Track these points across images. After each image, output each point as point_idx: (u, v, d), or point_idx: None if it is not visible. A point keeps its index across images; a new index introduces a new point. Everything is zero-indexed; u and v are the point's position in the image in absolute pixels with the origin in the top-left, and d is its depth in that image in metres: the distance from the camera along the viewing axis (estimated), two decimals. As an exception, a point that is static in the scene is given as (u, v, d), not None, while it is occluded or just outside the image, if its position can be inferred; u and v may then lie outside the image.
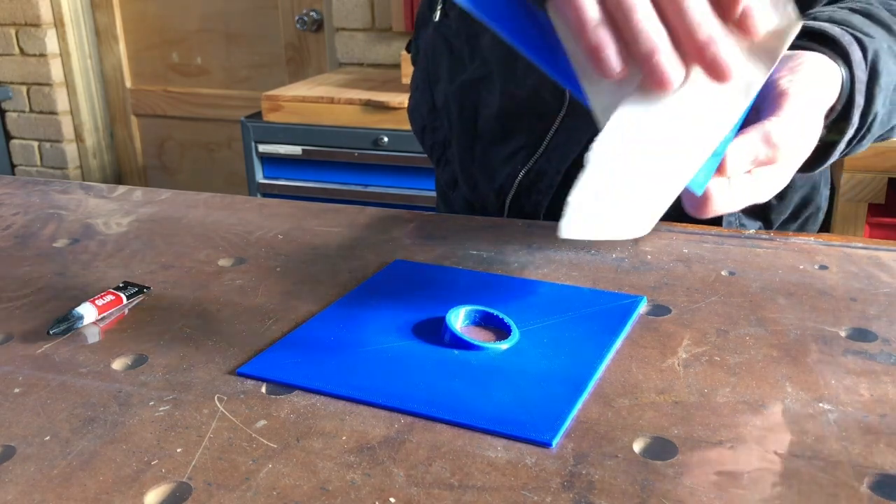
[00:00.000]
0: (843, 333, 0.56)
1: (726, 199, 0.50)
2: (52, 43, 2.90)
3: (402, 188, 2.14)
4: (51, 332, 0.57)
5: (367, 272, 0.67)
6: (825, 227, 1.70)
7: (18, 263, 0.71)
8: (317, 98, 2.13)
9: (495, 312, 0.57)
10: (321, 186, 2.21)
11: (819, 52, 0.58)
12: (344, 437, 0.45)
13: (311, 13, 2.67)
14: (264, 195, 2.25)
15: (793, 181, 0.79)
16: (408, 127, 1.04)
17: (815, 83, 0.55)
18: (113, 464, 0.43)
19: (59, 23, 2.89)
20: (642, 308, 0.60)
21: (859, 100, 0.60)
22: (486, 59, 0.87)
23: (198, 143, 2.99)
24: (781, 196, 0.82)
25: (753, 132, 0.50)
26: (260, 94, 2.21)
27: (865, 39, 0.61)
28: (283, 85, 2.35)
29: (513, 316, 0.57)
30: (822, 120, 0.56)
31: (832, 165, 1.79)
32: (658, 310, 0.60)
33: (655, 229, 0.75)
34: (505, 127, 0.86)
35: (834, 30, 0.60)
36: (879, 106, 0.62)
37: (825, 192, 0.91)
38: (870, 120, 0.62)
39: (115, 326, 0.59)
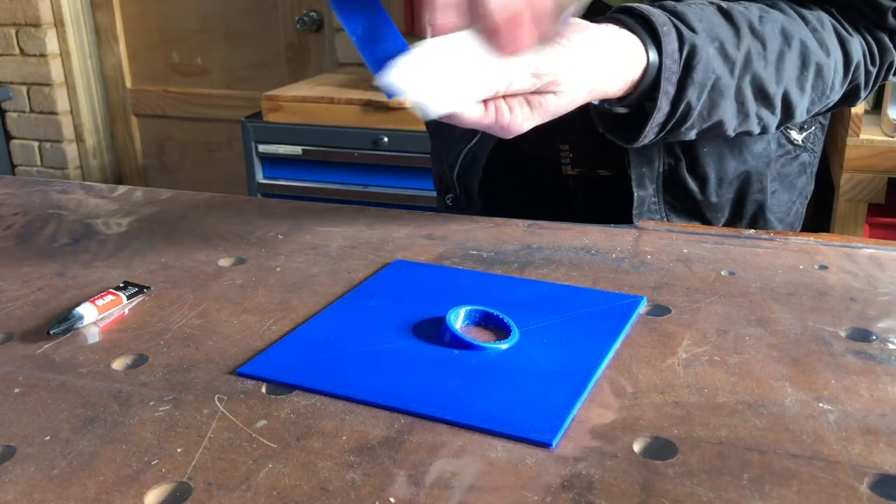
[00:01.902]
0: (843, 333, 0.56)
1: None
2: (52, 43, 2.90)
3: (402, 188, 2.14)
4: (51, 332, 0.57)
5: (367, 272, 0.67)
6: (825, 228, 1.70)
7: (18, 263, 0.71)
8: (317, 98, 2.13)
9: (495, 312, 0.57)
10: (321, 186, 2.21)
11: (631, 30, 0.65)
12: (344, 437, 0.45)
13: (311, 13, 2.67)
14: (264, 195, 2.25)
15: (723, 173, 0.81)
16: (408, 127, 1.05)
17: (596, 39, 0.62)
18: (113, 464, 0.43)
19: (59, 23, 2.89)
20: (642, 308, 0.60)
21: (667, 87, 0.66)
22: None
23: (198, 143, 2.99)
24: (704, 189, 0.82)
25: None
26: (260, 94, 2.21)
27: (686, 34, 0.66)
28: (283, 85, 2.35)
29: (513, 316, 0.57)
30: (622, 56, 0.63)
31: (832, 165, 1.78)
32: (658, 310, 0.60)
33: (655, 229, 0.75)
34: None
35: (658, 18, 0.65)
36: (693, 98, 0.67)
37: (778, 191, 0.88)
38: (682, 109, 0.67)
39: (115, 326, 0.59)
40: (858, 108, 1.55)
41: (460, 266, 0.68)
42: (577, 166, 0.88)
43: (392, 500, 0.40)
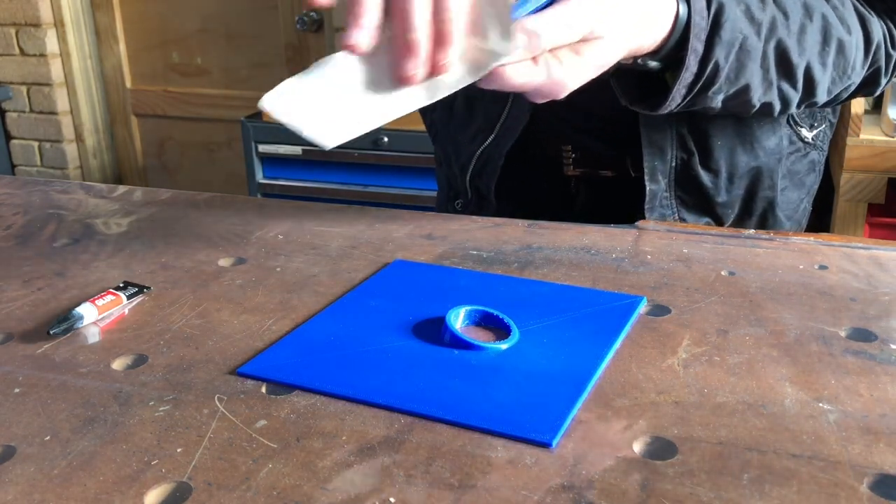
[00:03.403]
0: (843, 333, 0.56)
1: (526, 73, 0.56)
2: (52, 43, 2.90)
3: (402, 188, 2.14)
4: (51, 332, 0.57)
5: (367, 272, 0.67)
6: (825, 228, 1.70)
7: (18, 263, 0.71)
8: (317, 98, 2.13)
9: (495, 312, 0.57)
10: (321, 186, 2.21)
11: None
12: (344, 437, 0.45)
13: (311, 13, 2.67)
14: (264, 195, 2.25)
15: (734, 168, 0.80)
16: (408, 127, 1.05)
17: None
18: (113, 464, 0.43)
19: (59, 23, 2.89)
20: (642, 308, 0.60)
21: (696, 45, 0.63)
22: None
23: (198, 143, 2.99)
24: (717, 184, 0.82)
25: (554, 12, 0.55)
26: (260, 94, 2.21)
27: None
28: (283, 85, 2.34)
29: (513, 316, 0.57)
30: (648, 15, 0.61)
31: (832, 165, 1.78)
32: (658, 310, 0.60)
33: (655, 229, 0.75)
34: (471, 108, 0.90)
35: None
36: (721, 58, 0.65)
37: (787, 189, 0.88)
38: (710, 69, 0.65)
39: (115, 326, 0.59)
40: (858, 108, 1.55)
41: (460, 266, 0.68)
42: (579, 167, 0.88)
43: (392, 500, 0.40)
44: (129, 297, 0.63)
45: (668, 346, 0.54)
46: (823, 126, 0.88)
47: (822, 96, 0.75)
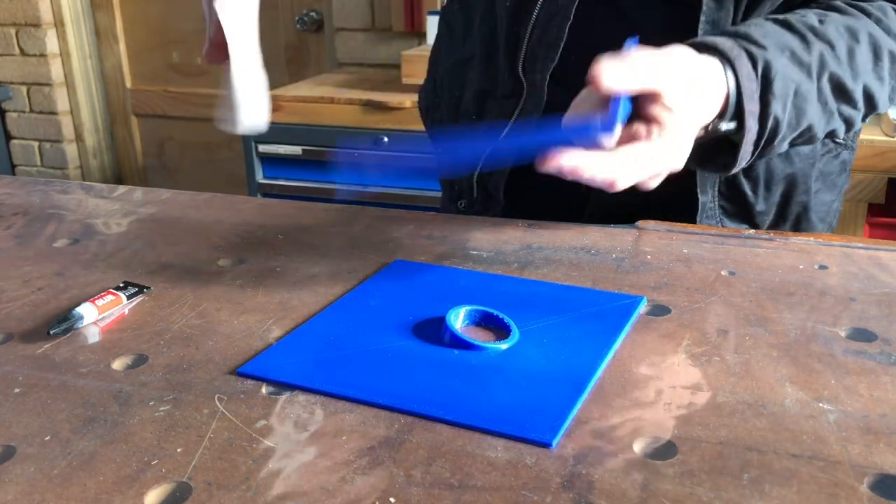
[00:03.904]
0: (843, 333, 0.56)
1: (598, 166, 0.57)
2: (52, 43, 2.90)
3: (402, 188, 2.14)
4: (51, 332, 0.57)
5: (367, 272, 0.67)
6: (825, 228, 1.70)
7: (18, 263, 0.71)
8: (317, 98, 2.13)
9: (495, 312, 0.57)
10: (321, 186, 2.21)
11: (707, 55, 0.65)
12: (344, 437, 0.45)
13: (311, 13, 2.67)
14: (264, 195, 2.24)
15: (770, 175, 0.80)
16: (408, 127, 1.04)
17: (690, 61, 0.63)
18: (113, 464, 0.43)
19: (59, 23, 2.89)
20: (642, 308, 0.60)
21: (751, 106, 0.65)
22: (474, 40, 0.90)
23: (198, 143, 2.99)
24: (756, 192, 0.83)
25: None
26: (260, 94, 2.20)
27: (756, 52, 0.66)
28: (283, 85, 2.34)
29: (513, 316, 0.57)
30: (707, 100, 0.63)
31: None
32: (658, 310, 0.60)
33: (655, 229, 0.75)
34: (480, 106, 0.90)
35: (725, 44, 0.65)
36: (779, 111, 0.67)
37: (821, 191, 0.89)
38: (770, 124, 0.67)
39: (115, 326, 0.59)
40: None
41: (460, 266, 0.68)
42: None
43: (392, 500, 0.40)
44: (129, 297, 0.63)
45: (669, 346, 0.54)
46: None
47: (884, 106, 0.76)
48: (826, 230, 0.91)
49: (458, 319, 0.56)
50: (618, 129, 0.58)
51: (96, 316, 0.60)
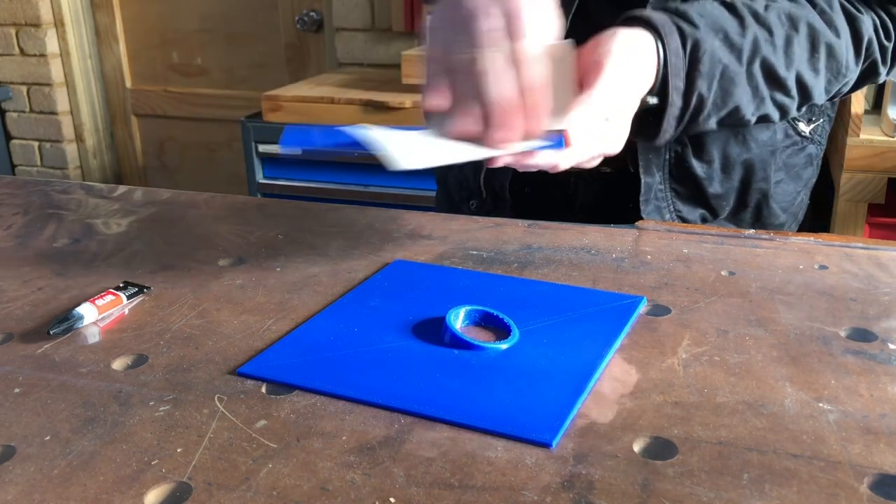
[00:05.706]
0: (843, 333, 0.56)
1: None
2: (52, 43, 2.90)
3: (402, 188, 2.14)
4: (51, 332, 0.57)
5: (367, 272, 0.67)
6: (825, 228, 1.70)
7: (18, 263, 0.71)
8: (317, 98, 2.13)
9: (495, 312, 0.57)
10: (321, 186, 2.21)
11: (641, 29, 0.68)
12: (344, 437, 0.45)
13: (311, 13, 2.67)
14: (264, 195, 2.24)
15: (727, 160, 0.83)
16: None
17: (626, 48, 0.66)
18: (113, 464, 0.43)
19: (59, 23, 2.89)
20: (642, 308, 0.60)
21: (676, 82, 0.69)
22: None
23: (198, 143, 2.99)
24: (711, 176, 0.84)
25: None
26: (260, 94, 2.21)
27: (688, 30, 0.70)
28: (283, 85, 2.34)
29: (513, 316, 0.57)
30: (641, 81, 0.67)
31: (833, 165, 1.78)
32: (658, 310, 0.60)
33: (655, 229, 0.75)
34: None
35: (659, 19, 0.69)
36: (703, 89, 0.70)
37: (784, 181, 0.89)
38: (694, 101, 0.71)
39: (115, 326, 0.59)
40: (858, 108, 1.55)
41: (460, 266, 0.68)
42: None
43: (392, 500, 0.40)
44: (129, 297, 0.63)
45: (669, 346, 0.54)
46: (822, 120, 0.90)
47: (819, 97, 0.78)
48: (790, 220, 0.93)
49: (458, 319, 0.56)
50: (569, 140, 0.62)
51: (96, 316, 0.60)
